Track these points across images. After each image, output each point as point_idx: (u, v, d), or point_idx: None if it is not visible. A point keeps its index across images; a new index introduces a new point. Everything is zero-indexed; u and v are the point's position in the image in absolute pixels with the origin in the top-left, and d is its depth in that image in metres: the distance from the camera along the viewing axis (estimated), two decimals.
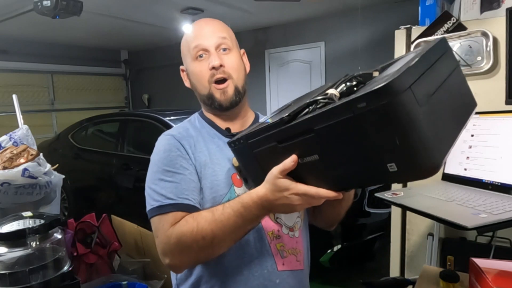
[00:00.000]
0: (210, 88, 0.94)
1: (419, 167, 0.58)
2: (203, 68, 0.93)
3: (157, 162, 0.90)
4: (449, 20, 1.63)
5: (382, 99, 0.55)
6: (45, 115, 5.81)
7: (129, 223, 2.38)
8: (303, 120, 0.66)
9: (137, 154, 3.73)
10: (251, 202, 0.76)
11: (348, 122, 0.59)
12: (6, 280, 1.28)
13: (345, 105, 0.59)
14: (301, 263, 0.97)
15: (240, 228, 0.79)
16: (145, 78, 6.72)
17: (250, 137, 0.78)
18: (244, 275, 0.89)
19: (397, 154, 0.58)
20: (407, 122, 0.56)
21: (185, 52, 0.99)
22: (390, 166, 0.59)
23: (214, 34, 0.94)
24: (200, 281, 0.91)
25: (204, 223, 0.79)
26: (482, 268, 0.91)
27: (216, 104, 0.95)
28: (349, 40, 4.40)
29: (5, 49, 5.08)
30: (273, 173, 0.73)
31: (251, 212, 0.76)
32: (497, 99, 1.51)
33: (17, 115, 2.17)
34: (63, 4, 2.79)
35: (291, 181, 0.71)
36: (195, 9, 3.88)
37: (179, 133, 0.95)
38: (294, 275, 0.94)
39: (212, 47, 0.93)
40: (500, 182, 1.11)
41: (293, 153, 0.70)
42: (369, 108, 0.56)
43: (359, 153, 0.61)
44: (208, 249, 0.80)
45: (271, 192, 0.73)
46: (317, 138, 0.65)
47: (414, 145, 0.56)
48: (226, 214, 0.78)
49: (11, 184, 1.74)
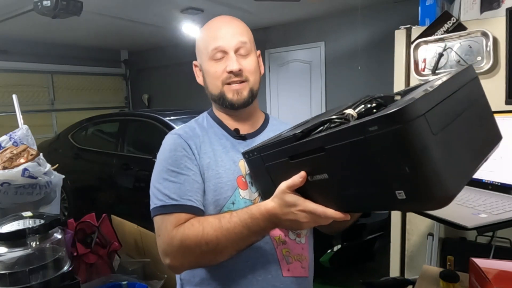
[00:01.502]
0: (222, 88, 0.93)
1: (428, 197, 0.56)
2: (218, 69, 0.92)
3: (162, 161, 0.90)
4: (449, 20, 1.63)
5: (394, 124, 0.53)
6: (45, 115, 5.80)
7: (129, 223, 2.38)
8: (315, 138, 0.66)
9: (137, 154, 3.73)
10: (259, 214, 0.76)
11: (359, 144, 0.58)
12: (6, 280, 1.28)
13: (357, 127, 0.58)
14: (306, 270, 0.96)
15: (245, 239, 0.79)
16: (145, 78, 6.72)
17: (263, 150, 0.79)
18: (248, 279, 0.88)
19: (406, 182, 0.56)
20: (417, 150, 0.54)
21: (201, 49, 0.96)
22: (398, 194, 0.57)
23: (234, 36, 0.92)
24: (204, 282, 0.91)
25: (210, 229, 0.79)
26: (482, 268, 0.91)
27: (227, 104, 0.94)
28: (349, 40, 4.40)
29: (5, 49, 5.08)
30: (281, 188, 0.73)
31: (258, 224, 0.76)
32: (497, 99, 1.51)
33: (17, 115, 2.17)
34: (63, 4, 2.78)
35: (299, 197, 0.72)
36: (195, 9, 3.88)
37: (186, 132, 0.94)
38: (299, 282, 0.93)
39: (232, 50, 0.92)
40: (500, 182, 1.11)
41: (303, 170, 0.70)
42: (380, 132, 0.55)
43: (367, 177, 0.60)
44: (210, 255, 0.80)
45: (279, 207, 0.74)
46: (328, 157, 0.64)
47: (423, 174, 0.54)
48: (232, 222, 0.78)
49: (11, 184, 1.74)
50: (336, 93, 4.67)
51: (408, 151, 0.54)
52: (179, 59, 5.83)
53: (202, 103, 6.03)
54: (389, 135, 0.54)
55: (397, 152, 0.55)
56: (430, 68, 1.69)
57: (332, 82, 4.71)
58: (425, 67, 1.70)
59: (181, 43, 5.16)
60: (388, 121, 0.54)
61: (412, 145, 0.53)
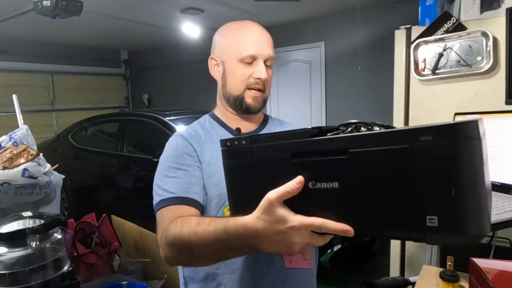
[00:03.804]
0: (244, 92, 0.97)
1: (464, 230, 0.48)
2: (247, 73, 0.96)
3: (164, 160, 0.94)
4: (449, 20, 1.63)
5: (455, 138, 0.47)
6: (45, 115, 5.80)
7: (129, 223, 2.38)
8: (340, 137, 0.55)
9: (137, 154, 3.73)
10: (234, 231, 0.63)
11: (399, 153, 0.50)
12: (6, 280, 1.28)
13: (404, 133, 0.50)
14: (309, 262, 0.97)
15: (219, 253, 0.69)
16: (145, 78, 6.72)
17: (257, 140, 0.63)
18: (252, 272, 0.89)
19: (445, 207, 0.48)
20: (473, 173, 0.47)
21: (231, 48, 0.97)
22: (429, 219, 0.48)
23: (268, 48, 0.97)
24: (208, 278, 0.92)
25: (187, 231, 0.72)
26: (482, 268, 0.91)
27: (244, 107, 0.98)
28: (349, 40, 4.40)
29: (5, 49, 5.08)
30: (268, 198, 0.58)
31: (232, 242, 0.64)
32: (497, 99, 1.51)
33: (17, 115, 2.17)
34: (63, 4, 2.78)
35: (289, 211, 0.58)
36: (195, 9, 3.88)
37: (188, 133, 0.98)
38: (301, 273, 0.94)
39: (262, 59, 0.96)
40: (500, 182, 1.11)
41: (304, 175, 0.57)
42: (433, 143, 0.47)
43: (395, 194, 0.51)
44: (187, 258, 0.76)
45: (263, 223, 0.59)
46: (348, 162, 0.53)
47: (470, 202, 0.47)
48: (207, 231, 0.68)
49: (11, 184, 1.74)
50: (336, 93, 4.67)
51: (463, 171, 0.47)
52: (179, 59, 5.83)
53: (202, 103, 6.04)
54: (445, 149, 0.47)
55: (445, 171, 0.47)
56: (430, 68, 1.69)
57: (332, 82, 4.71)
58: (425, 67, 1.70)
59: (181, 43, 5.16)
60: (450, 133, 0.47)
61: (469, 166, 0.47)
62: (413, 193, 0.50)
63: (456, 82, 1.66)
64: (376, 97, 4.17)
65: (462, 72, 1.62)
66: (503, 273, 0.92)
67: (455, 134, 0.47)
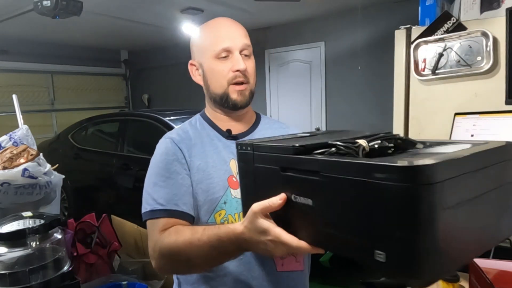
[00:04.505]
0: (228, 88, 0.95)
1: (411, 273, 0.48)
2: (225, 68, 0.94)
3: (154, 165, 0.93)
4: (449, 20, 1.63)
5: (404, 181, 0.46)
6: (45, 115, 5.80)
7: (129, 223, 2.38)
8: (313, 159, 0.59)
9: (137, 154, 3.73)
10: (226, 238, 0.71)
11: (357, 184, 0.52)
12: (6, 280, 1.28)
13: (362, 167, 0.51)
14: (301, 264, 0.97)
15: (215, 259, 0.76)
16: (145, 78, 6.72)
17: (257, 148, 0.70)
18: (243, 276, 0.89)
19: (392, 247, 0.49)
20: (420, 219, 0.47)
21: (204, 48, 0.96)
22: (378, 254, 0.50)
23: (241, 38, 0.95)
24: (199, 281, 0.92)
25: (182, 242, 0.78)
26: (482, 268, 0.91)
27: (230, 104, 0.96)
28: (349, 40, 4.40)
29: (5, 49, 5.08)
30: (253, 210, 0.66)
31: (225, 248, 0.72)
32: (497, 99, 1.51)
33: (17, 115, 2.17)
34: (63, 4, 2.78)
35: (270, 224, 0.65)
36: (195, 9, 3.88)
37: (178, 135, 0.97)
38: (294, 275, 0.95)
39: (237, 50, 0.94)
40: None
41: (289, 187, 0.63)
42: (385, 183, 0.48)
43: (352, 222, 0.54)
44: (183, 267, 0.82)
45: (248, 232, 0.67)
46: (319, 184, 0.57)
47: (416, 248, 0.47)
48: (202, 241, 0.74)
49: (11, 184, 1.74)
50: (336, 93, 4.67)
51: (409, 216, 0.47)
52: (179, 59, 5.81)
53: (202, 103, 6.01)
54: (394, 191, 0.47)
55: (396, 212, 0.48)
56: (430, 68, 1.69)
57: (332, 82, 4.71)
58: (425, 67, 1.70)
59: (181, 43, 5.16)
60: (400, 176, 0.47)
61: (416, 213, 0.46)
62: (367, 225, 0.51)
63: (456, 82, 1.66)
64: (376, 97, 4.17)
65: (462, 72, 1.62)
66: (503, 273, 0.92)
67: (405, 178, 0.46)
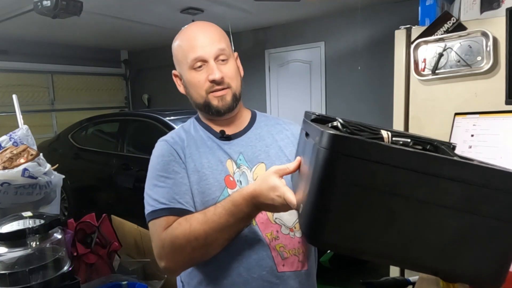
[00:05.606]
0: (207, 97, 0.94)
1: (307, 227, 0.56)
2: (201, 78, 0.92)
3: (152, 168, 0.94)
4: (449, 20, 1.63)
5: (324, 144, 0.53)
6: (45, 115, 5.80)
7: (129, 223, 2.38)
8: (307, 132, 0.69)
9: (137, 154, 3.73)
10: (242, 200, 0.77)
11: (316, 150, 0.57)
12: (6, 280, 1.28)
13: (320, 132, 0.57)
14: (305, 263, 0.96)
15: (232, 227, 0.80)
16: (145, 78, 6.72)
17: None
18: (243, 277, 0.89)
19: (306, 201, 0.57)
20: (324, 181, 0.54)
21: (180, 59, 0.96)
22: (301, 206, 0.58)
23: (213, 44, 0.91)
24: (201, 283, 0.92)
25: (197, 224, 0.80)
26: None
27: (213, 111, 0.95)
28: (349, 40, 4.40)
29: (5, 49, 5.08)
30: (270, 170, 0.75)
31: (242, 210, 0.77)
32: (497, 99, 1.51)
33: (17, 115, 2.17)
34: (63, 4, 2.78)
35: (282, 182, 0.73)
36: (195, 9, 3.88)
37: (172, 138, 0.98)
38: (296, 275, 0.94)
39: (211, 58, 0.91)
40: None
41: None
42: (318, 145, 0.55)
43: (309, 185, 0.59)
44: (201, 249, 0.82)
45: (259, 188, 0.74)
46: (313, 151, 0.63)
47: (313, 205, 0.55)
48: (217, 213, 0.79)
49: (11, 184, 1.74)
50: (336, 93, 4.67)
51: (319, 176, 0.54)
52: None
53: None
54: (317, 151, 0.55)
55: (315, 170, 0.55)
56: (430, 68, 1.69)
57: (332, 82, 4.71)
58: (425, 67, 1.70)
59: None
60: (322, 138, 0.54)
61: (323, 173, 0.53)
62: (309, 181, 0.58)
63: (456, 82, 1.65)
64: (376, 97, 4.18)
65: (462, 72, 1.61)
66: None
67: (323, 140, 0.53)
